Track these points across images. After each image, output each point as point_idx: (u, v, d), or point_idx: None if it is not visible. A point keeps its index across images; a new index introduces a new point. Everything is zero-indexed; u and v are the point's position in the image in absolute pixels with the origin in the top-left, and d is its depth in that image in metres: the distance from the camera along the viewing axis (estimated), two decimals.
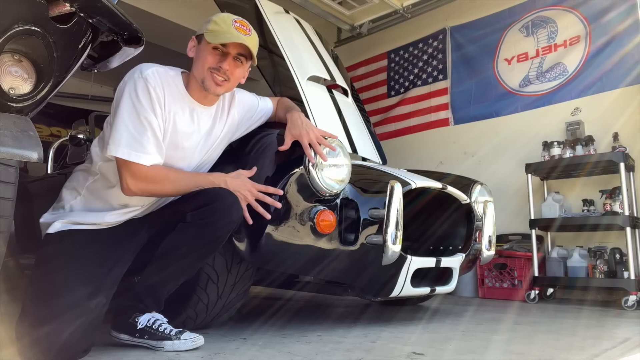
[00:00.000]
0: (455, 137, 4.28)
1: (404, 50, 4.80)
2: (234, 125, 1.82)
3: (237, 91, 1.85)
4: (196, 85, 1.65)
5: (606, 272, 3.06)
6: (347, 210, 1.92)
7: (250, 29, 1.63)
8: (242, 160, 1.83)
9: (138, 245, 1.62)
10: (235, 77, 1.66)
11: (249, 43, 1.60)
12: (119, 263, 1.52)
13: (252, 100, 1.91)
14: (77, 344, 1.33)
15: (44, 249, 1.54)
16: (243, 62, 1.66)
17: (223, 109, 1.78)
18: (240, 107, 1.84)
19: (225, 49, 1.61)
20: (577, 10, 3.70)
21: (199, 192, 1.59)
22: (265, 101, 1.97)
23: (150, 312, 1.62)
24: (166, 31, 4.32)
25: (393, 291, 2.03)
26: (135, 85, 1.52)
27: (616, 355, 1.59)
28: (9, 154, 0.87)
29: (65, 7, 0.96)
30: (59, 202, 1.68)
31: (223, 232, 1.58)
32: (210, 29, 1.58)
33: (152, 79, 1.54)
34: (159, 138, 1.55)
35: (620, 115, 3.35)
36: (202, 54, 1.62)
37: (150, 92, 1.52)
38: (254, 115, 1.91)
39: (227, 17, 1.61)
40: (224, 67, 1.60)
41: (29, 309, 1.38)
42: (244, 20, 1.64)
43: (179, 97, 1.63)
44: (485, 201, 2.42)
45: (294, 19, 3.06)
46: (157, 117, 1.54)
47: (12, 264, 2.52)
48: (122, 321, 1.61)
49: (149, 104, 1.52)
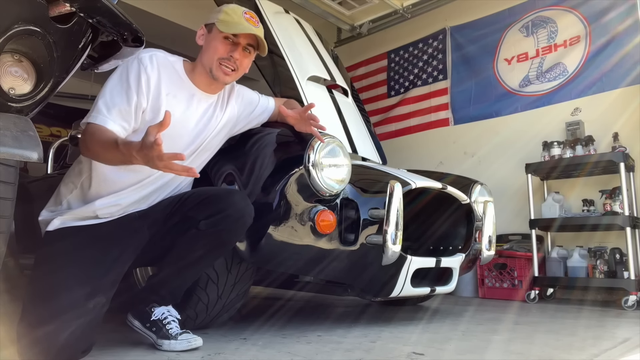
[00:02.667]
0: (455, 137, 4.28)
1: (404, 50, 4.80)
2: (234, 117, 1.82)
3: (237, 85, 1.87)
4: (203, 73, 1.67)
5: (606, 272, 3.06)
6: (347, 210, 1.92)
7: (258, 21, 1.68)
8: (242, 158, 1.83)
9: (139, 244, 1.61)
10: (243, 67, 1.70)
11: (259, 34, 1.65)
12: (119, 262, 1.51)
13: (252, 95, 1.93)
14: (75, 345, 1.33)
15: (44, 249, 1.54)
16: (251, 52, 1.70)
17: (223, 99, 1.79)
18: (240, 100, 1.85)
19: (236, 39, 1.64)
20: (577, 10, 3.70)
21: (210, 198, 1.60)
22: (267, 99, 1.98)
23: (167, 306, 1.65)
24: (166, 31, 4.32)
25: (393, 291, 2.03)
26: (128, 66, 1.54)
27: (616, 355, 1.59)
28: (9, 154, 0.87)
29: (65, 7, 0.96)
30: (56, 198, 1.67)
31: (237, 235, 1.65)
32: (221, 19, 1.63)
33: (146, 61, 1.56)
34: (131, 113, 1.52)
35: (620, 115, 3.35)
36: (213, 42, 1.65)
37: (140, 73, 1.54)
38: (253, 110, 1.91)
39: (237, 8, 1.66)
40: (234, 57, 1.64)
41: (28, 309, 1.38)
42: (253, 12, 1.69)
43: (178, 81, 1.65)
44: (485, 201, 2.42)
45: (294, 19, 3.06)
46: (139, 95, 1.53)
47: (12, 264, 2.51)
48: (140, 309, 1.65)
49: (136, 82, 1.53)
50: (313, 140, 1.76)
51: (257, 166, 1.74)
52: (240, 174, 1.82)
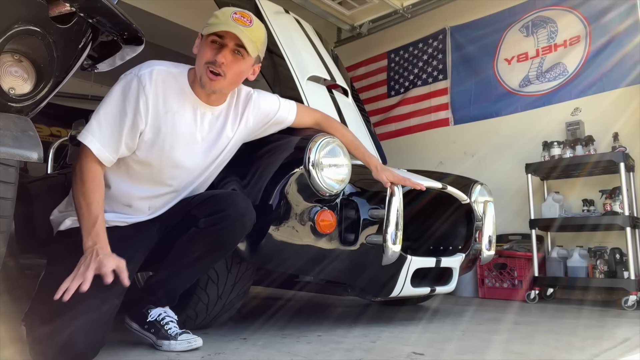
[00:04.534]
0: (455, 137, 4.28)
1: (404, 50, 4.80)
2: (248, 130, 1.73)
3: (256, 92, 1.76)
4: (198, 83, 1.58)
5: (606, 272, 3.06)
6: (347, 210, 1.92)
7: (252, 20, 1.53)
8: (242, 160, 1.82)
9: (149, 246, 1.61)
10: (234, 72, 1.54)
11: (245, 34, 1.48)
12: (130, 263, 1.50)
13: (271, 105, 1.80)
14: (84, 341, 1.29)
15: (56, 245, 1.54)
16: (244, 56, 1.53)
17: (236, 111, 1.69)
18: (256, 111, 1.74)
19: (222, 41, 1.51)
20: (577, 10, 3.70)
21: (212, 198, 1.59)
22: (287, 110, 1.84)
23: (164, 307, 1.64)
24: (166, 31, 4.32)
25: (393, 291, 2.03)
26: (128, 83, 1.49)
27: (616, 355, 1.59)
28: (9, 154, 0.87)
29: (65, 7, 0.96)
30: (69, 199, 1.64)
31: (236, 236, 1.61)
32: (209, 23, 1.53)
33: (145, 79, 1.49)
34: (122, 135, 1.48)
35: (620, 115, 3.35)
36: (202, 49, 1.55)
37: (139, 94, 1.48)
38: (269, 121, 1.80)
39: (228, 10, 1.53)
40: (218, 60, 1.49)
41: (39, 305, 1.37)
42: (246, 12, 1.55)
43: (181, 96, 1.57)
44: (485, 201, 2.42)
45: (294, 19, 3.06)
46: (136, 117, 1.48)
47: (12, 264, 2.52)
48: (137, 310, 1.63)
49: (133, 105, 1.48)
50: (313, 140, 1.76)
51: (258, 166, 1.74)
52: (241, 174, 1.81)
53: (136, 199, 1.60)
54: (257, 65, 1.65)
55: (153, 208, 1.64)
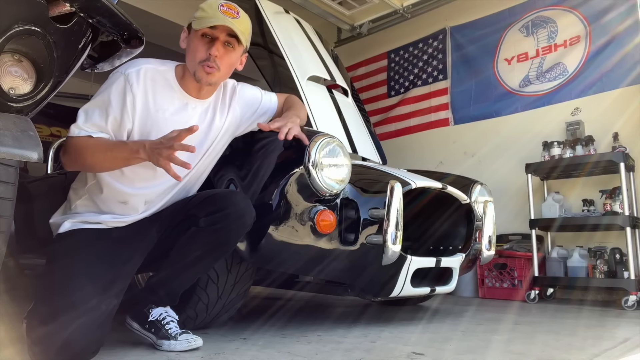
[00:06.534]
0: (455, 137, 4.28)
1: (404, 50, 4.80)
2: (237, 119, 1.77)
3: (239, 85, 1.81)
4: (190, 78, 1.60)
5: (606, 272, 3.06)
6: (347, 210, 1.92)
7: (239, 12, 1.57)
8: (242, 159, 1.83)
9: (148, 246, 1.61)
10: (226, 64, 1.58)
11: (235, 26, 1.52)
12: (129, 264, 1.51)
13: (254, 94, 1.85)
14: (82, 342, 1.30)
15: (55, 246, 1.54)
16: (235, 47, 1.58)
17: (224, 102, 1.73)
18: (242, 101, 1.78)
19: (213, 34, 1.54)
20: (577, 10, 3.70)
21: (212, 197, 1.59)
22: (269, 96, 1.90)
23: (165, 307, 1.65)
24: (166, 31, 4.30)
25: (393, 291, 2.03)
26: (114, 81, 1.51)
27: (616, 355, 1.59)
28: (9, 154, 0.87)
29: (65, 7, 0.96)
30: (67, 203, 1.68)
31: (236, 235, 1.61)
32: (197, 16, 1.55)
33: (132, 77, 1.51)
34: (107, 126, 1.49)
35: (620, 115, 3.35)
36: (192, 44, 1.57)
37: (126, 92, 1.49)
38: (256, 110, 1.84)
39: (213, 2, 1.55)
40: (213, 54, 1.53)
41: (38, 304, 1.38)
42: (232, 4, 1.58)
43: (169, 93, 1.59)
44: (485, 201, 2.42)
45: (294, 19, 3.06)
46: (124, 115, 1.50)
47: (12, 264, 2.52)
48: (138, 310, 1.64)
49: (120, 102, 1.49)
50: (313, 140, 1.76)
51: (257, 166, 1.74)
52: (241, 175, 1.82)
53: (131, 194, 1.59)
54: (244, 55, 1.70)
55: (149, 203, 1.63)
